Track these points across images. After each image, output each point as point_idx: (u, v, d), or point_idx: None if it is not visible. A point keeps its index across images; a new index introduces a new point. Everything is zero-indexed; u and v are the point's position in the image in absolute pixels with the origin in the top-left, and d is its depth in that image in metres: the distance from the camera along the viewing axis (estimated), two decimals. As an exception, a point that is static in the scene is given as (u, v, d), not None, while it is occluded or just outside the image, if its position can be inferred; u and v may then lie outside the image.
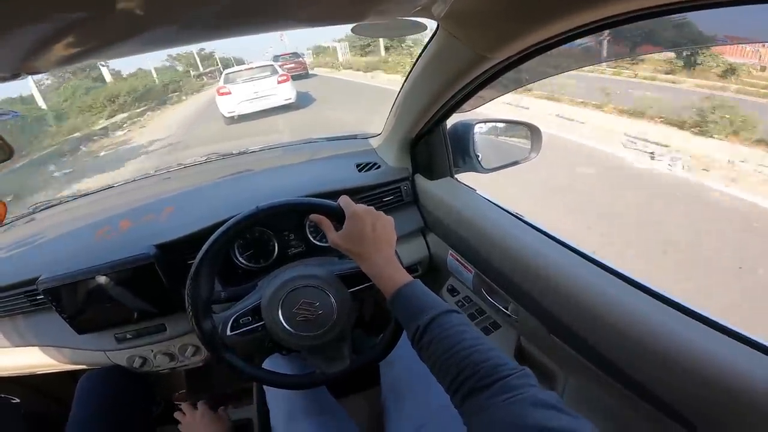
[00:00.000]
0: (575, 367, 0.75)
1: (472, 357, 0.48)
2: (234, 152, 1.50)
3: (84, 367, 1.07)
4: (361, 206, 0.69)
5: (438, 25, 0.66)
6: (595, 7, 0.40)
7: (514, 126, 1.19)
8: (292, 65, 16.22)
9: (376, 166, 1.20)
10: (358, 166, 1.21)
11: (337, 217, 0.71)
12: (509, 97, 6.77)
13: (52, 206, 1.31)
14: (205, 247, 0.73)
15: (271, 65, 9.82)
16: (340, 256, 0.92)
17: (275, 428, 0.85)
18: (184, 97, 19.65)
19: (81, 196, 1.37)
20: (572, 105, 6.64)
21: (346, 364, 0.78)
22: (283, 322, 0.75)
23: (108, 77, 21.32)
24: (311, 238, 1.11)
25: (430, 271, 1.24)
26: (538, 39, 0.52)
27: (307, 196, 0.77)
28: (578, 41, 0.49)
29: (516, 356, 0.92)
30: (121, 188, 1.39)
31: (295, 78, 11.42)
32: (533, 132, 1.08)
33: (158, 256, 0.95)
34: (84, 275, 0.92)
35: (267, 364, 0.97)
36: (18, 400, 1.14)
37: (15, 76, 0.44)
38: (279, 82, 8.85)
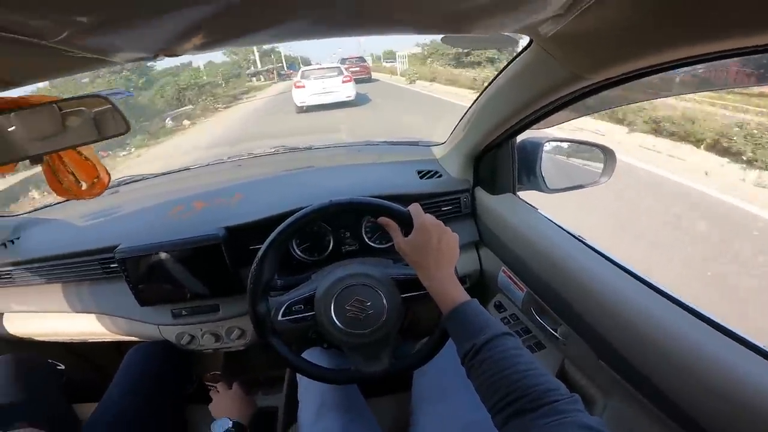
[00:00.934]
0: (618, 394, 0.73)
1: (524, 380, 0.48)
2: (300, 147, 1.56)
3: (134, 339, 1.13)
4: (430, 218, 0.70)
5: (531, 41, 0.67)
6: (723, 38, 0.40)
7: (584, 147, 1.16)
8: (357, 69, 17.14)
9: (437, 175, 1.22)
10: (419, 173, 1.23)
11: (405, 224, 0.72)
12: (582, 121, 6.36)
13: (135, 181, 1.43)
14: (276, 232, 0.77)
15: (338, 67, 11.46)
16: (394, 260, 0.94)
17: (303, 420, 0.87)
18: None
19: (161, 174, 1.48)
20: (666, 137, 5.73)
21: (384, 366, 0.79)
22: (333, 315, 0.77)
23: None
24: (366, 239, 1.14)
25: (478, 285, 1.23)
26: (647, 63, 0.51)
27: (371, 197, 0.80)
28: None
29: (557, 378, 0.90)
30: (197, 171, 1.48)
31: (358, 81, 12.74)
32: (607, 155, 1.05)
33: (225, 239, 1.00)
34: (158, 249, 0.98)
35: (305, 356, 0.99)
36: (63, 367, 1.20)
37: (155, 57, 0.49)
38: (343, 82, 10.57)
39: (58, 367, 1.17)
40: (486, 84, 0.92)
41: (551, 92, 0.70)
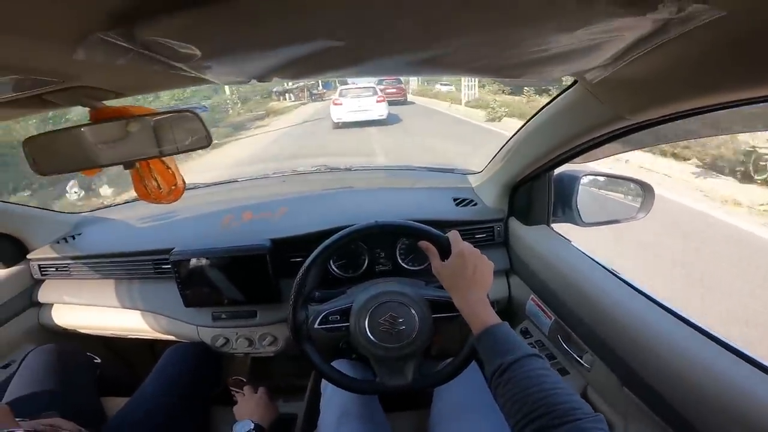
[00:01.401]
0: (640, 420, 0.74)
1: (549, 398, 0.50)
2: (341, 167, 1.64)
3: (170, 338, 1.20)
4: (468, 246, 0.74)
5: (575, 81, 0.71)
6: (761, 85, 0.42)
7: (622, 182, 1.16)
8: (394, 90, 16.98)
9: (472, 203, 1.25)
10: (455, 200, 1.27)
11: (443, 249, 0.77)
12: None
13: (188, 190, 1.54)
14: (322, 246, 0.83)
15: (373, 87, 11.92)
16: (426, 281, 0.98)
17: (323, 428, 0.89)
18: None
19: (212, 184, 1.58)
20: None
21: (407, 381, 0.81)
22: (367, 327, 0.81)
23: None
24: (399, 260, 1.18)
25: (506, 312, 1.25)
26: (688, 107, 0.54)
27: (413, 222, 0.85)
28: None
29: None
30: (244, 183, 1.58)
31: (393, 103, 13.38)
32: (646, 191, 1.06)
33: (271, 250, 1.07)
34: (210, 254, 1.06)
35: (333, 365, 1.02)
36: (99, 360, 1.24)
37: (248, 80, 0.55)
38: (377, 101, 11.20)
39: (95, 361, 1.23)
40: (528, 119, 0.96)
41: (592, 130, 0.74)
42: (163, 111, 0.60)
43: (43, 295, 1.25)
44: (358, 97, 11.15)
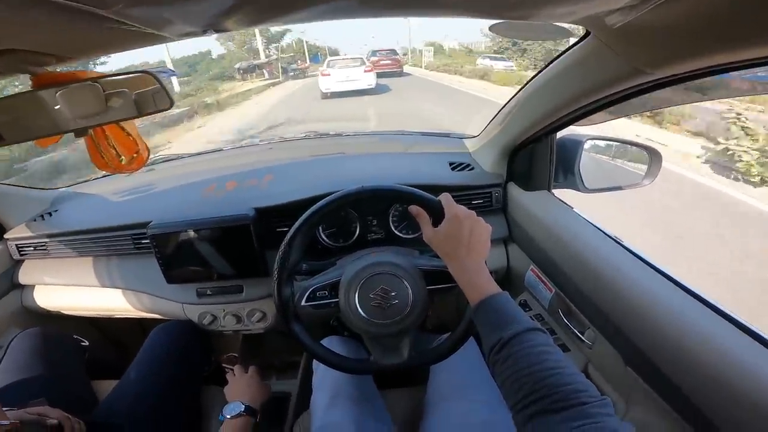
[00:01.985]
0: (643, 401, 0.70)
1: (551, 378, 0.45)
2: (331, 133, 1.55)
3: (157, 317, 1.15)
4: (462, 209, 0.68)
5: (587, 33, 0.63)
6: None
7: (628, 147, 1.11)
8: (388, 62, 16.72)
9: (469, 168, 1.19)
10: (451, 164, 1.20)
11: (435, 213, 0.70)
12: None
13: (170, 160, 1.45)
14: (306, 214, 0.76)
15: (361, 58, 12.21)
16: (420, 250, 0.93)
17: (315, 407, 0.86)
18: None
19: (196, 154, 1.49)
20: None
21: (402, 359, 0.77)
22: (357, 303, 0.76)
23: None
24: (392, 228, 1.12)
25: (504, 283, 1.21)
26: (719, 61, 0.47)
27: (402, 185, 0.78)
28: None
29: None
30: (230, 152, 1.50)
31: (389, 75, 13.84)
32: (653, 156, 1.01)
33: (254, 219, 1.00)
34: (189, 226, 0.99)
35: (324, 342, 0.98)
36: (87, 343, 1.20)
37: (204, 32, 0.48)
38: (365, 72, 11.54)
39: (82, 344, 1.19)
40: (531, 77, 0.88)
41: (606, 86, 0.66)
42: (113, 73, 0.52)
43: (24, 276, 1.20)
44: (346, 67, 11.59)
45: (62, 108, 0.52)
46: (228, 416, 0.87)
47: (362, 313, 0.76)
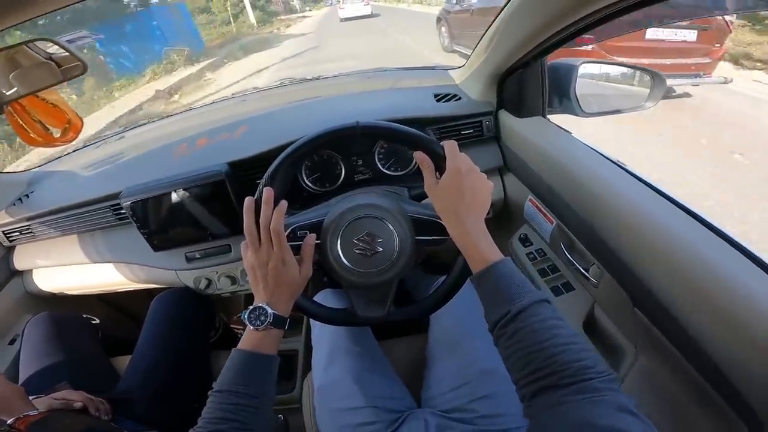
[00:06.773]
0: (652, 347, 0.66)
1: (561, 355, 0.43)
2: (308, 77, 1.45)
3: (158, 285, 1.14)
4: (465, 160, 0.61)
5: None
6: None
7: (627, 71, 1.03)
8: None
9: (456, 98, 1.11)
10: (436, 96, 1.12)
11: (437, 161, 0.64)
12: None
13: (139, 126, 1.37)
14: (290, 148, 0.69)
15: None
16: (409, 187, 0.88)
17: (315, 365, 0.84)
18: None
19: (165, 117, 1.42)
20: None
21: (382, 313, 0.72)
22: (339, 248, 0.69)
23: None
24: (379, 166, 1.06)
25: (502, 216, 1.16)
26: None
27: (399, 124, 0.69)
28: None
29: (584, 326, 0.83)
30: (201, 110, 1.41)
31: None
32: (655, 79, 0.92)
33: (229, 174, 0.95)
34: (160, 189, 0.95)
35: (318, 296, 0.96)
36: (97, 321, 1.20)
37: None
38: (364, 5, 19.07)
39: (93, 322, 1.19)
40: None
41: None
42: (14, 45, 0.45)
43: (19, 262, 1.19)
44: (353, 3, 19.23)
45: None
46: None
47: (344, 260, 0.69)
